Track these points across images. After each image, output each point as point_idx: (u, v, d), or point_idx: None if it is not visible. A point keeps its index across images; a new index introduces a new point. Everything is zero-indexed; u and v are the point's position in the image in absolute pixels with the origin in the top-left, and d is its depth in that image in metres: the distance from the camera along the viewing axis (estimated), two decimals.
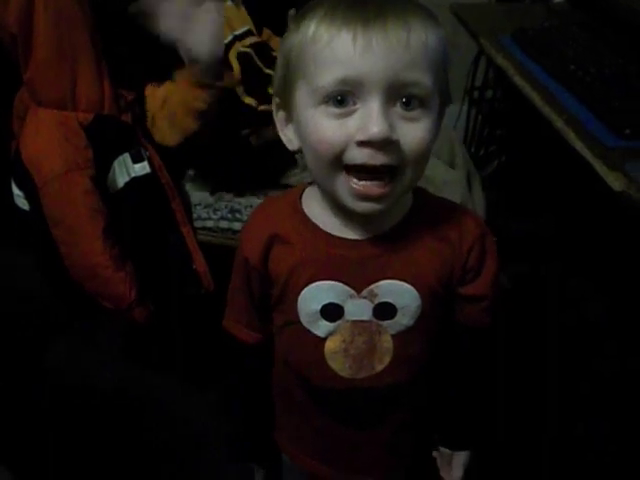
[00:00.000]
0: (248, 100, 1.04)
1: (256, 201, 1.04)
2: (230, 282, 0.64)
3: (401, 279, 0.56)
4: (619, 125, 0.87)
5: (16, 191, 0.96)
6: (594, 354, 1.24)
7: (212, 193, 1.08)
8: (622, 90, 0.95)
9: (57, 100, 0.89)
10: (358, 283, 0.56)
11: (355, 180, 0.50)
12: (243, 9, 1.07)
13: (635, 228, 0.83)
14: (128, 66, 0.99)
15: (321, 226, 0.57)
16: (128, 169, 0.96)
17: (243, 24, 1.05)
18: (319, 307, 0.57)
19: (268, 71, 0.99)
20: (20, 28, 0.83)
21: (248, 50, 1.02)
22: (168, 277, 1.01)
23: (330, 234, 0.57)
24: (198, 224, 1.06)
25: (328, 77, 0.48)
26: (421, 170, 0.53)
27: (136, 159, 0.96)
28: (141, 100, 1.01)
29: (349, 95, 0.48)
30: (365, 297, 0.57)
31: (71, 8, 0.85)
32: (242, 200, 1.06)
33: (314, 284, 0.57)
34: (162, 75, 1.02)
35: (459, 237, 0.58)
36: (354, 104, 0.48)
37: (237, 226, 1.04)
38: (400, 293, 0.56)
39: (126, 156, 0.96)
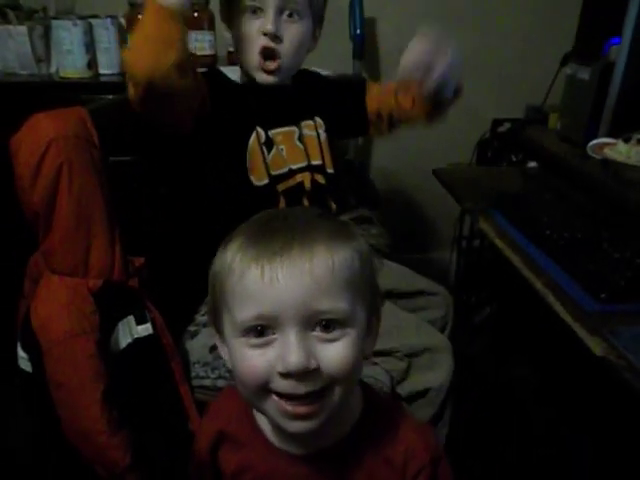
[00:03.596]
0: None
1: None
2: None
3: None
4: (595, 289, 0.92)
5: (21, 353, 0.98)
6: None
7: (211, 350, 1.11)
8: (594, 255, 1.03)
9: (70, 269, 0.95)
10: None
11: (284, 401, 0.50)
12: (317, 142, 1.11)
13: (618, 391, 0.85)
14: (139, 233, 1.07)
15: (266, 433, 0.58)
16: (131, 330, 1.00)
17: (305, 159, 1.09)
18: None
19: None
20: (43, 207, 0.91)
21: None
22: (164, 439, 1.00)
23: (273, 445, 0.57)
24: (195, 382, 1.07)
25: (244, 312, 0.50)
26: (351, 384, 0.53)
27: (140, 321, 1.00)
28: (150, 264, 1.07)
29: (267, 327, 0.50)
30: None
31: (92, 188, 0.94)
32: None
33: None
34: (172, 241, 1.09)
35: (403, 461, 0.57)
36: (273, 333, 0.50)
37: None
38: None
39: (130, 318, 1.00)
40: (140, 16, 1.63)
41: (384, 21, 2.00)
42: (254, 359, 0.50)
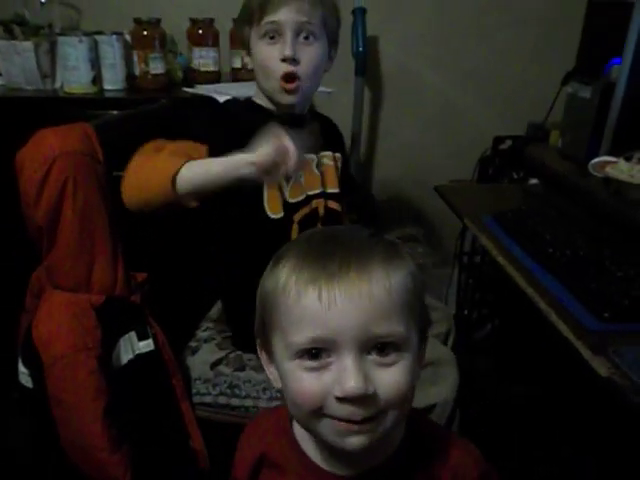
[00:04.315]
0: None
1: (255, 376, 1.06)
2: None
3: None
4: (598, 308, 0.92)
5: (22, 369, 0.98)
6: None
7: (212, 367, 1.10)
8: (597, 273, 1.02)
9: (72, 284, 0.95)
10: None
11: (337, 421, 0.50)
12: (335, 173, 1.14)
13: (623, 412, 0.85)
14: (142, 249, 1.07)
15: (310, 455, 0.57)
16: (133, 346, 1.00)
17: (321, 185, 1.11)
18: None
19: None
20: (47, 223, 0.91)
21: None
22: (165, 456, 0.99)
23: (318, 467, 0.56)
24: (196, 399, 1.07)
25: (299, 335, 0.49)
26: (404, 410, 0.52)
27: (141, 337, 1.00)
28: (151, 279, 1.07)
29: (323, 349, 0.49)
30: None
31: (96, 204, 0.94)
32: (241, 375, 1.08)
33: None
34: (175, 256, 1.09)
35: (452, 478, 0.57)
36: (328, 356, 0.49)
37: (235, 402, 1.05)
38: None
39: (132, 334, 0.99)
40: (145, 32, 1.66)
41: (386, 39, 2.02)
42: (309, 382, 0.49)
